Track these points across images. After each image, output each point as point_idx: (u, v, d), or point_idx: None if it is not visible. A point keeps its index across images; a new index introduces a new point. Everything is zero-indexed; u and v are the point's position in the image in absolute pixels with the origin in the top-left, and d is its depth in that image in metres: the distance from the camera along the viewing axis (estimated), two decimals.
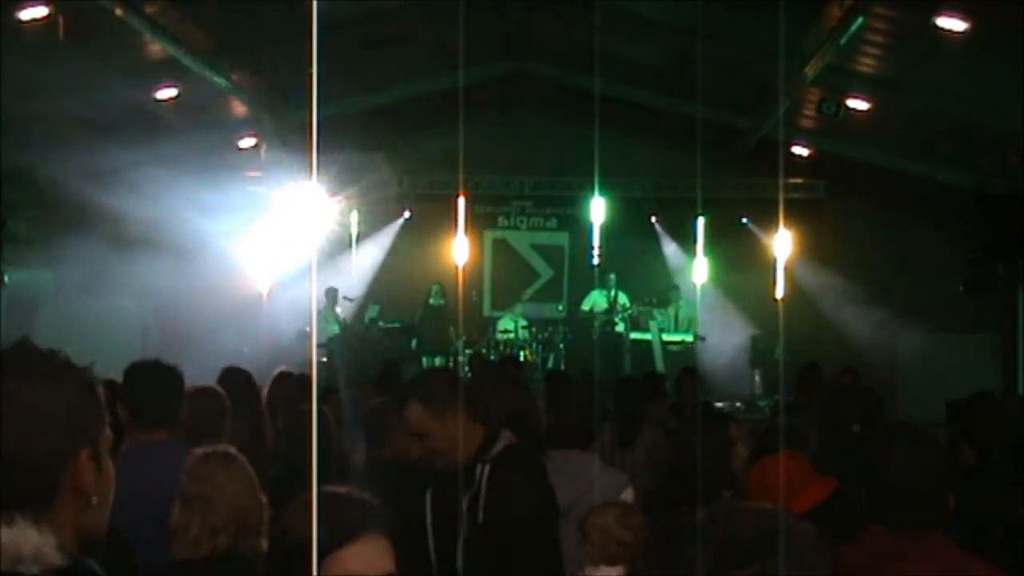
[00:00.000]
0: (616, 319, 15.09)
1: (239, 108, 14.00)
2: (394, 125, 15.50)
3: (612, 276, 15.32)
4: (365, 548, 1.80)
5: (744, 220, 16.22)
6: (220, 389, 4.62)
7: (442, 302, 15.83)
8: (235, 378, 5.45)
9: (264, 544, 2.96)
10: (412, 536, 3.18)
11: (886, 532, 2.80)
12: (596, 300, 15.48)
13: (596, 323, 15.17)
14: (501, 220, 17.08)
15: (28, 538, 1.38)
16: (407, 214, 16.51)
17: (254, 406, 5.40)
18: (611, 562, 3.47)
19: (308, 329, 14.43)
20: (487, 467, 3.40)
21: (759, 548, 1.36)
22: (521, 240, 17.17)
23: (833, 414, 4.20)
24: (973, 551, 2.85)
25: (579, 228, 16.49)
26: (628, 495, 4.11)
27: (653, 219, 16.45)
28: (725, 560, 1.35)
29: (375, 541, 1.81)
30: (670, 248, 16.43)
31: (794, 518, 1.43)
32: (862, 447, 3.73)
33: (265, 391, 5.94)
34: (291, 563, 1.79)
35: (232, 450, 3.22)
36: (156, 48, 11.29)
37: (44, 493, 1.50)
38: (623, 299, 15.30)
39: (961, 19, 9.64)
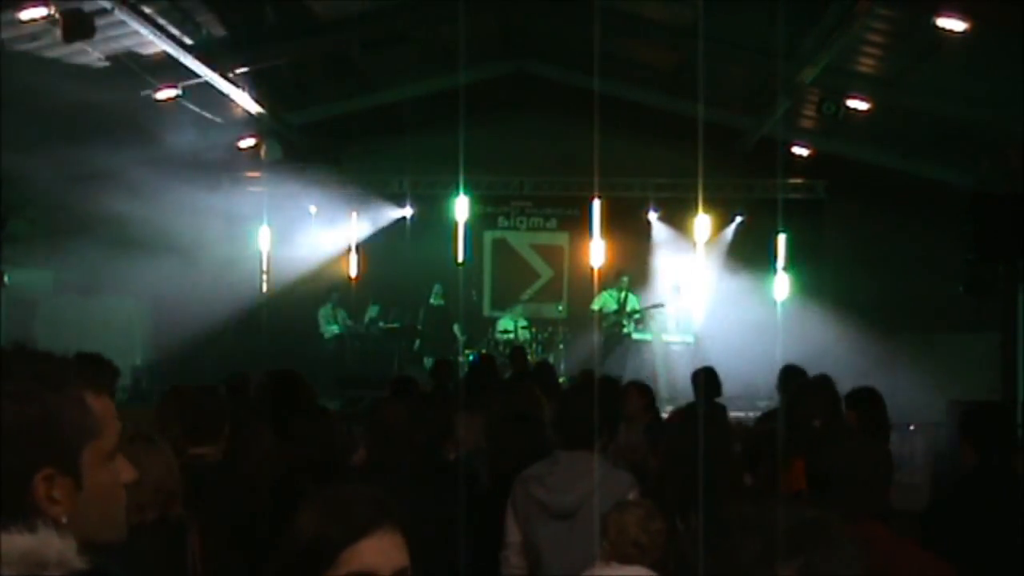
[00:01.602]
0: (623, 321, 15.06)
1: (239, 108, 14.01)
2: (394, 125, 15.50)
3: (625, 278, 15.26)
4: (380, 542, 1.82)
5: (738, 217, 16.20)
6: (221, 389, 4.63)
7: (443, 302, 15.84)
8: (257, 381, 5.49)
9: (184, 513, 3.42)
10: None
11: None
12: (605, 300, 15.44)
13: (605, 324, 15.14)
14: (501, 220, 17.08)
15: (51, 544, 1.37)
16: (408, 214, 16.51)
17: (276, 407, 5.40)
18: (624, 561, 3.48)
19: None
20: None
21: (804, 541, 1.36)
22: (521, 240, 17.17)
23: (796, 410, 4.24)
24: (975, 550, 2.87)
25: (579, 228, 16.49)
26: (635, 496, 4.10)
27: (654, 217, 16.43)
28: (769, 553, 1.35)
29: (389, 535, 1.83)
30: (675, 244, 16.36)
31: (830, 512, 1.44)
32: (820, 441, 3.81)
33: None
34: (307, 558, 1.81)
35: (153, 434, 3.53)
36: (156, 48, 11.29)
37: (9, 513, 1.45)
38: (633, 302, 15.26)
39: (961, 19, 9.64)
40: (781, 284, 15.70)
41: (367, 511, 1.84)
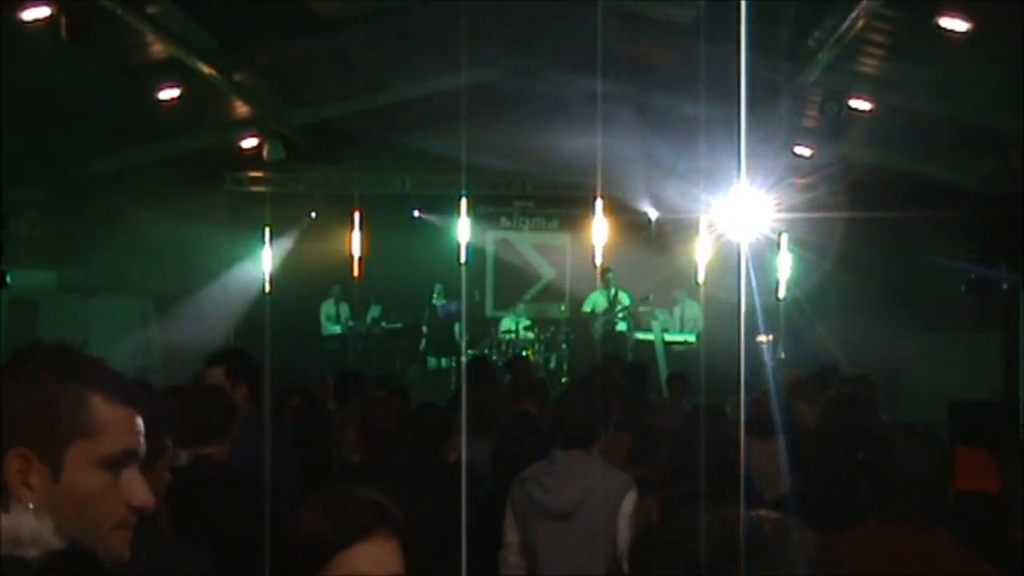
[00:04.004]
0: (616, 319, 15.07)
1: (239, 108, 14.01)
2: (397, 125, 15.50)
3: (610, 275, 15.28)
4: (374, 548, 1.81)
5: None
6: (227, 389, 4.63)
7: (444, 302, 15.85)
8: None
9: None
10: None
11: (884, 526, 2.80)
12: (596, 300, 15.45)
13: (597, 323, 15.14)
14: (503, 221, 17.08)
15: (26, 522, 1.39)
16: (415, 214, 16.51)
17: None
18: None
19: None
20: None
21: (755, 549, 1.36)
22: (523, 240, 17.18)
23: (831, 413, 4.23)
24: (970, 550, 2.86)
25: (581, 228, 16.48)
26: (632, 496, 4.08)
27: (653, 217, 16.41)
28: (721, 560, 1.36)
29: (384, 541, 1.82)
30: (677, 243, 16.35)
31: (787, 520, 1.43)
32: (861, 444, 3.76)
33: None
34: (301, 558, 1.81)
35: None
36: (157, 48, 11.30)
37: None
38: (623, 298, 15.27)
39: (961, 19, 9.63)
40: (782, 284, 15.68)
41: (365, 515, 1.83)
